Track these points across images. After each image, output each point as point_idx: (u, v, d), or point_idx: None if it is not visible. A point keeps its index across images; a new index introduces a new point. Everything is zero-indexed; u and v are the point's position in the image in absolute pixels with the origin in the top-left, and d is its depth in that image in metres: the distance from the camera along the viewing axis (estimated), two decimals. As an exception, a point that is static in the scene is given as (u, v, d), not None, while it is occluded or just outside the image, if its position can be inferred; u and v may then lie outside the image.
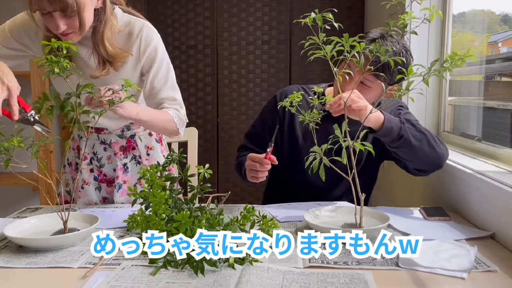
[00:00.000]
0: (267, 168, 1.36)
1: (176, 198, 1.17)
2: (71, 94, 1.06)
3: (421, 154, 1.33)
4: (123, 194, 1.56)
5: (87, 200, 1.56)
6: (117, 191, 1.55)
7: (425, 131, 1.35)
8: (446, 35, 1.94)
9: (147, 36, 1.40)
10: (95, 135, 1.55)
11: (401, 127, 1.30)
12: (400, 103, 1.54)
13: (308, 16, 1.03)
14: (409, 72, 1.04)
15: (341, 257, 1.01)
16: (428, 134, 1.35)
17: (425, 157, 1.34)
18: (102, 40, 1.32)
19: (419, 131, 1.34)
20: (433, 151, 1.34)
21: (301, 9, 3.01)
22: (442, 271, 0.93)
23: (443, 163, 1.38)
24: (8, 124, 1.10)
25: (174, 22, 3.07)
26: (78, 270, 0.97)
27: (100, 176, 1.58)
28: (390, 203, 2.20)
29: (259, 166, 1.36)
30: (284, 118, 1.59)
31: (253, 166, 1.38)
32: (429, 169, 1.41)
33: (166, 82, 1.46)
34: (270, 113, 1.62)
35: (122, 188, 1.56)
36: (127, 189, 1.55)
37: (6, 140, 1.04)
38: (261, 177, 1.39)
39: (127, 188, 1.55)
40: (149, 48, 1.41)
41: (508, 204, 1.09)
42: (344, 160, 1.08)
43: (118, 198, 1.55)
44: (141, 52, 1.40)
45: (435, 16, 1.01)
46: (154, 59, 1.42)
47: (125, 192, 1.56)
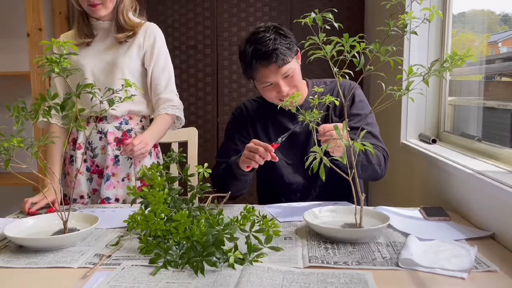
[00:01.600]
0: (267, 155, 1.34)
1: (175, 198, 1.17)
2: (71, 94, 1.06)
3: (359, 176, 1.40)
4: (109, 187, 1.58)
5: (79, 190, 1.60)
6: (104, 182, 1.57)
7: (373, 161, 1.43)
8: (446, 35, 1.94)
9: (152, 29, 1.65)
10: (93, 124, 1.61)
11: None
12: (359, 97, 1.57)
13: (308, 16, 1.03)
14: (409, 72, 1.04)
15: (341, 257, 1.01)
16: (376, 163, 1.44)
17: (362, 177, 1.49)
18: (122, 12, 1.59)
19: (369, 162, 1.42)
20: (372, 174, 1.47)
21: (301, 9, 3.01)
22: (442, 271, 0.92)
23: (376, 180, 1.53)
24: (8, 124, 1.10)
25: (174, 22, 3.07)
26: (78, 270, 0.97)
27: (93, 166, 1.62)
28: (390, 203, 2.20)
29: (262, 150, 1.34)
30: (248, 131, 1.63)
31: (255, 149, 1.36)
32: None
33: (164, 70, 1.64)
34: (235, 131, 1.65)
35: (109, 181, 1.58)
36: (114, 182, 1.60)
37: (6, 140, 1.04)
38: (257, 161, 1.36)
39: (114, 181, 1.60)
40: (152, 36, 1.63)
41: (508, 204, 1.09)
42: (344, 160, 1.08)
43: (105, 190, 1.57)
44: (146, 38, 1.62)
45: (435, 16, 1.00)
46: (155, 45, 1.63)
47: (111, 185, 1.59)
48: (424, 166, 1.79)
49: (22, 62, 2.85)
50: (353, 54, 1.03)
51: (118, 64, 1.58)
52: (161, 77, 1.63)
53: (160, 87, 1.63)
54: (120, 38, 1.59)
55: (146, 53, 1.62)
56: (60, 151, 1.58)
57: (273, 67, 1.44)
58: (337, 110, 1.55)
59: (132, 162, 1.63)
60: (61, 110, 1.04)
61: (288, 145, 1.55)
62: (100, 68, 1.59)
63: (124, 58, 1.59)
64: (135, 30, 1.61)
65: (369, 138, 1.49)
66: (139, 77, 1.64)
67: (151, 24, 1.67)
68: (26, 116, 1.04)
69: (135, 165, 1.62)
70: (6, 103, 1.11)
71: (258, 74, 1.47)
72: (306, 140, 1.55)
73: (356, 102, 1.54)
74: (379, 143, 1.51)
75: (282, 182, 1.59)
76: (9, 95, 2.90)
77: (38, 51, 2.64)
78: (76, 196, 1.60)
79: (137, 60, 1.62)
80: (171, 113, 1.63)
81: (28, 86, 2.72)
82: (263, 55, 1.43)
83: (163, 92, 1.63)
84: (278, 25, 1.49)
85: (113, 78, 1.57)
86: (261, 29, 1.47)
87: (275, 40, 1.43)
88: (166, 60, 1.66)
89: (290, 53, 1.45)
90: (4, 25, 2.92)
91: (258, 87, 1.55)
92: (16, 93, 2.90)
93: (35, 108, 1.04)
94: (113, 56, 1.59)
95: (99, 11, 1.53)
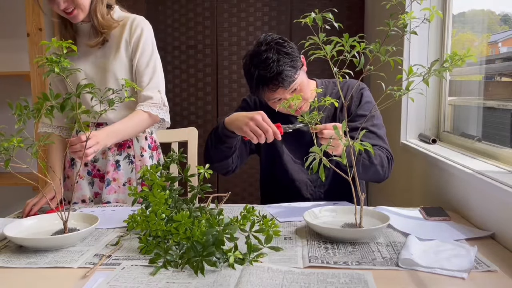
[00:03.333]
0: (271, 136, 1.34)
1: (176, 198, 1.17)
2: (71, 94, 1.06)
3: (361, 177, 1.42)
4: (110, 191, 1.57)
5: (80, 194, 1.59)
6: (105, 187, 1.56)
7: (375, 161, 1.43)
8: (446, 35, 1.94)
9: (139, 22, 1.57)
10: (94, 129, 1.56)
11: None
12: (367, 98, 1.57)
13: (308, 16, 1.03)
14: (409, 72, 1.04)
15: (341, 257, 1.01)
16: (378, 163, 1.44)
17: (364, 178, 1.50)
18: (95, 12, 1.50)
19: (371, 162, 1.43)
20: (375, 175, 1.47)
21: (301, 9, 3.01)
22: (442, 271, 0.92)
23: (379, 182, 1.53)
24: (8, 124, 1.10)
25: (174, 22, 3.07)
26: (78, 270, 0.97)
27: (94, 171, 1.61)
28: (390, 203, 2.20)
29: (271, 133, 1.34)
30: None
31: (265, 129, 1.35)
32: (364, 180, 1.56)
33: (148, 65, 1.56)
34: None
35: (110, 185, 1.57)
36: (115, 187, 1.59)
37: (6, 140, 1.04)
38: (260, 140, 1.36)
39: (115, 186, 1.58)
40: (138, 30, 1.55)
41: (508, 204, 1.09)
42: (344, 160, 1.08)
43: (106, 195, 1.56)
44: (132, 33, 1.55)
45: (435, 16, 1.00)
46: (140, 39, 1.55)
47: (112, 190, 1.58)
48: (424, 166, 1.79)
49: (22, 62, 2.85)
50: (353, 54, 1.03)
51: (110, 70, 1.54)
52: (144, 72, 1.55)
53: (142, 84, 1.54)
54: (91, 45, 1.53)
55: (133, 48, 1.55)
56: (60, 154, 1.57)
57: (280, 90, 1.45)
58: (344, 109, 1.55)
59: (133, 167, 1.61)
60: (61, 110, 1.04)
61: (295, 143, 1.55)
62: (92, 72, 1.55)
63: (115, 62, 1.54)
64: (110, 30, 1.53)
65: (374, 139, 1.49)
66: (133, 77, 1.58)
67: (138, 17, 1.58)
68: (28, 114, 1.04)
69: (136, 170, 1.62)
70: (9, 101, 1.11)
71: (265, 96, 1.49)
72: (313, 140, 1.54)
73: (363, 103, 1.55)
74: (384, 145, 1.51)
75: (286, 177, 1.59)
76: (9, 95, 2.90)
77: (38, 51, 2.64)
78: (77, 200, 1.59)
79: (127, 60, 1.56)
80: (147, 110, 1.52)
81: (28, 86, 2.72)
82: (269, 81, 1.43)
83: (144, 88, 1.54)
84: (279, 40, 1.47)
85: (106, 84, 1.53)
86: (262, 49, 1.45)
87: (279, 62, 1.42)
88: (152, 55, 1.57)
89: (295, 71, 1.44)
90: (4, 25, 2.92)
91: (266, 100, 1.55)
92: (16, 93, 2.90)
93: (38, 107, 1.04)
94: (102, 60, 1.54)
95: (78, 16, 1.47)
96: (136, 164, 1.61)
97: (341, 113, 1.56)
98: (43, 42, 1.12)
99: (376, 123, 1.53)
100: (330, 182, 1.61)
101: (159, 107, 1.55)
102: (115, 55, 1.54)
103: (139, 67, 1.55)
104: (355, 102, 1.55)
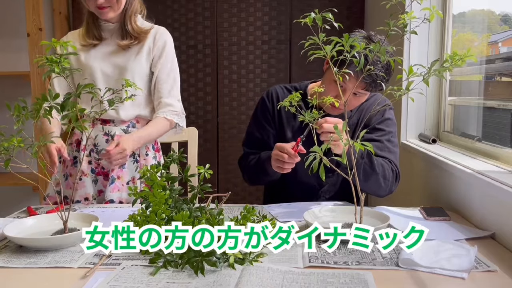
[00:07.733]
0: (295, 160, 1.36)
1: (176, 198, 1.17)
2: (71, 94, 1.06)
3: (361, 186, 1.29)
4: (114, 189, 1.57)
5: (83, 192, 1.58)
6: (109, 184, 1.56)
7: (377, 169, 1.41)
8: (446, 35, 1.94)
9: (162, 33, 1.66)
10: (100, 127, 1.59)
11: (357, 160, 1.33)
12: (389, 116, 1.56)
13: (308, 16, 1.03)
14: (409, 72, 1.04)
15: (341, 257, 1.01)
16: (380, 173, 1.42)
17: (365, 187, 1.40)
18: (130, 17, 1.59)
19: (373, 169, 1.41)
20: (375, 186, 1.45)
21: (301, 9, 3.01)
22: (442, 271, 0.92)
23: (382, 196, 1.52)
24: (8, 124, 1.10)
25: (174, 22, 3.07)
26: (78, 270, 0.97)
27: (98, 168, 1.61)
28: (390, 203, 2.19)
29: (287, 157, 1.35)
30: (274, 118, 1.63)
31: (280, 156, 1.36)
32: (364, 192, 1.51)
33: (169, 75, 1.64)
34: (262, 116, 1.65)
35: (114, 183, 1.57)
36: (119, 185, 1.59)
37: (6, 140, 1.04)
38: (287, 168, 1.38)
39: (119, 184, 1.58)
40: (161, 40, 1.64)
41: (508, 204, 1.09)
42: (344, 160, 1.08)
43: (109, 193, 1.56)
44: (155, 42, 1.63)
45: (435, 16, 1.00)
46: (164, 50, 1.64)
47: (116, 188, 1.58)
48: (424, 166, 1.79)
49: (22, 62, 2.86)
50: (353, 54, 1.03)
51: (128, 69, 1.58)
52: (166, 81, 1.62)
53: (164, 91, 1.62)
54: (123, 46, 1.59)
55: (155, 57, 1.62)
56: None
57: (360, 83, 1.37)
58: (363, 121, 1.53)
59: (138, 165, 1.63)
60: (61, 110, 1.04)
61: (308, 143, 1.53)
62: (109, 71, 1.59)
63: (134, 63, 1.59)
64: (140, 37, 1.60)
65: (385, 152, 1.49)
66: (148, 82, 1.64)
67: (161, 28, 1.67)
68: (27, 115, 1.04)
69: (140, 168, 1.62)
70: (7, 102, 1.11)
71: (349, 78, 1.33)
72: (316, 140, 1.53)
73: (385, 119, 1.55)
74: (393, 160, 1.50)
75: (294, 179, 1.57)
76: (9, 95, 2.90)
77: (38, 51, 2.64)
78: (80, 198, 1.58)
79: (146, 65, 1.62)
80: (170, 118, 1.61)
81: (28, 86, 2.72)
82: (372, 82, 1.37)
83: (166, 96, 1.61)
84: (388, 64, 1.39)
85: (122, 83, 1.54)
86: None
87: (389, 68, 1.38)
88: (173, 66, 1.66)
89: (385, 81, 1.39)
90: (4, 25, 2.92)
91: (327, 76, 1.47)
92: (16, 93, 2.90)
93: (36, 108, 1.04)
94: (122, 60, 1.59)
95: (107, 14, 1.53)
96: (141, 163, 1.63)
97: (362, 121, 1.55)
98: (43, 42, 1.12)
99: (392, 140, 1.53)
100: (337, 190, 1.61)
101: (179, 115, 1.65)
102: (135, 59, 1.60)
103: (160, 75, 1.62)
104: (377, 116, 1.54)
